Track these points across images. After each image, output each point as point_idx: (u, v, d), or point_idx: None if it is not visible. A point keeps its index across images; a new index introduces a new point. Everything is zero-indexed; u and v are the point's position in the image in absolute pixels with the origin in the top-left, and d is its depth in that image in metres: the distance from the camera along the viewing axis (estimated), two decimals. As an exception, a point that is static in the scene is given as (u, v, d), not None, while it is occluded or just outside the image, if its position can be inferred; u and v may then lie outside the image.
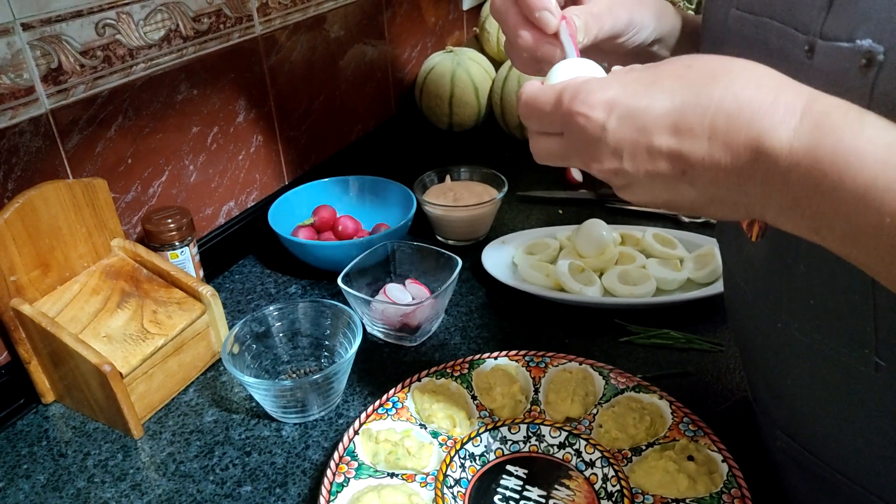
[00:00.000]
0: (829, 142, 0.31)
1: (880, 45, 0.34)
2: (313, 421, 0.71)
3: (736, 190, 0.35)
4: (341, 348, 0.74)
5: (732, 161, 0.34)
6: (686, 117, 0.35)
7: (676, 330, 0.79)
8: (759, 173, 0.33)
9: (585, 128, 0.38)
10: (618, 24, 0.50)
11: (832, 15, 0.38)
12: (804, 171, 0.32)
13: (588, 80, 0.39)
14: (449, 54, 1.31)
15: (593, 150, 0.38)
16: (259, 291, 0.92)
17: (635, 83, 0.37)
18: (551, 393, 0.68)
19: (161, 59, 0.82)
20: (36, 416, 0.73)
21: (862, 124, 0.31)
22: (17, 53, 0.67)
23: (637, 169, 0.37)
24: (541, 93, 0.41)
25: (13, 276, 0.67)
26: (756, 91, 0.34)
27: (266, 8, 0.96)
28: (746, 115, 0.33)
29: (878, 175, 0.30)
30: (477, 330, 0.83)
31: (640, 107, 0.36)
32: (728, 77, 0.35)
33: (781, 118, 0.33)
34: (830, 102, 0.33)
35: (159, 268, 0.77)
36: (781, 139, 0.32)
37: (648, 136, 0.36)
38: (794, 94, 0.33)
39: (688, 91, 0.35)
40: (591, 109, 0.37)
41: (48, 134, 0.72)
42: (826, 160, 0.31)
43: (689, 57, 0.38)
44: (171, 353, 0.73)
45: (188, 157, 0.90)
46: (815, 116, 0.32)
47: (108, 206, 0.75)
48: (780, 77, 0.35)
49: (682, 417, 0.63)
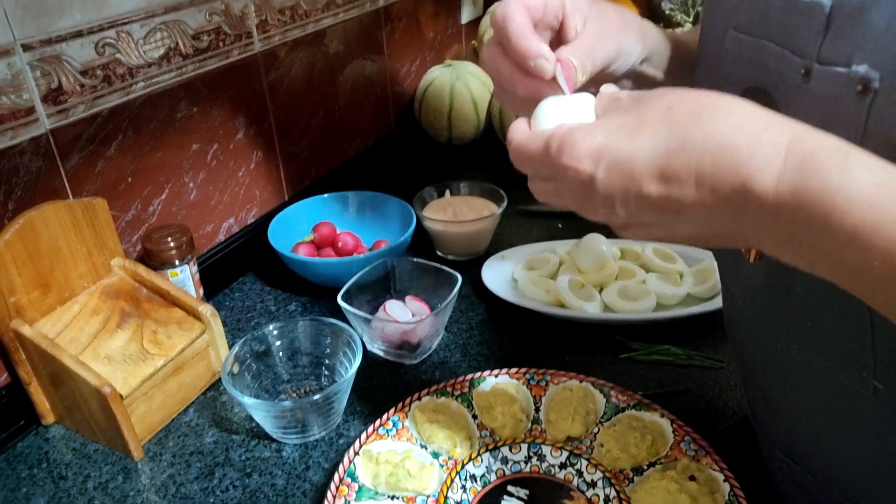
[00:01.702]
0: (815, 184, 0.31)
1: (876, 72, 0.34)
2: (314, 441, 0.70)
3: (731, 225, 0.35)
4: (341, 367, 0.74)
5: (722, 202, 0.34)
6: (672, 164, 0.35)
7: (677, 346, 0.79)
8: (749, 211, 0.34)
9: (575, 179, 0.38)
10: (607, 55, 0.50)
11: (829, 40, 0.38)
12: (792, 212, 0.32)
13: (573, 129, 0.38)
14: (448, 68, 1.31)
15: (585, 197, 0.39)
16: (259, 309, 0.92)
17: (619, 130, 0.37)
18: (552, 412, 0.68)
19: (161, 77, 0.83)
20: (36, 438, 0.73)
21: (847, 164, 0.31)
22: (18, 74, 0.68)
23: (630, 213, 0.38)
24: (528, 141, 0.41)
25: (13, 297, 0.67)
26: (739, 133, 0.34)
27: (265, 25, 0.97)
28: (731, 159, 0.33)
29: (865, 217, 0.30)
30: (477, 347, 0.83)
31: (626, 156, 0.36)
32: (710, 120, 0.35)
33: (765, 161, 0.33)
34: (815, 141, 0.33)
35: (159, 287, 0.76)
36: (767, 182, 0.33)
37: (637, 183, 0.36)
38: (777, 134, 0.33)
39: (671, 136, 0.35)
40: (579, 161, 0.37)
41: (48, 154, 0.72)
42: (813, 202, 0.31)
43: (672, 95, 0.37)
44: (171, 374, 0.73)
45: (188, 175, 0.90)
46: (800, 158, 0.32)
47: (109, 225, 0.75)
48: (764, 115, 0.35)
49: (684, 436, 0.63)
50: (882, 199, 0.30)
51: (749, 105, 0.35)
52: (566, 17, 0.49)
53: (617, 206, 0.38)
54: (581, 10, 0.49)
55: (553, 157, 0.39)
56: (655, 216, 0.37)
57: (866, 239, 0.30)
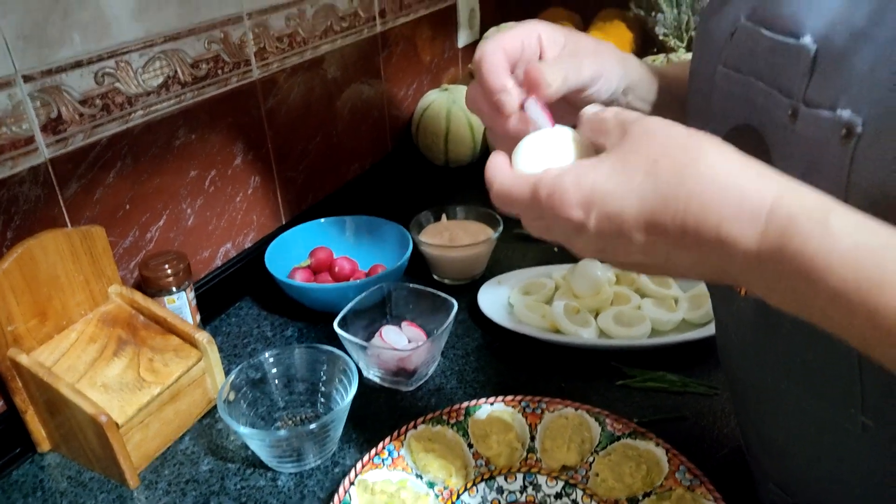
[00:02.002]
0: (796, 246, 0.32)
1: (859, 117, 0.35)
2: (309, 470, 0.70)
3: (717, 269, 0.36)
4: (337, 394, 0.74)
5: (707, 253, 0.35)
6: (658, 219, 0.36)
7: (672, 371, 0.80)
8: (734, 262, 0.35)
9: (567, 225, 0.39)
10: (583, 74, 0.50)
11: (814, 82, 0.38)
12: (775, 269, 0.33)
13: (561, 177, 0.39)
14: (444, 92, 1.32)
15: (576, 240, 0.40)
16: (255, 335, 0.92)
17: (607, 179, 0.38)
18: (547, 440, 0.68)
19: (159, 105, 0.83)
20: (31, 466, 0.73)
21: (828, 226, 0.32)
22: (18, 105, 0.68)
23: (621, 256, 0.39)
24: (513, 186, 0.42)
25: (11, 325, 0.68)
26: (722, 194, 0.34)
27: (263, 52, 0.98)
28: (713, 219, 0.34)
29: (846, 278, 0.31)
30: (473, 373, 0.83)
31: (616, 209, 0.37)
32: (694, 179, 0.35)
33: (748, 223, 0.34)
34: (797, 201, 0.33)
35: (156, 314, 0.77)
36: (748, 245, 0.34)
37: (627, 235, 0.37)
38: (759, 197, 0.34)
39: (657, 193, 0.36)
40: (570, 210, 0.38)
41: (47, 182, 0.73)
42: (794, 263, 0.32)
43: (657, 142, 0.38)
44: (168, 401, 0.73)
45: (186, 201, 0.90)
46: (781, 220, 0.33)
47: (106, 253, 0.76)
48: (747, 172, 0.35)
49: (679, 465, 0.63)
50: (861, 262, 0.31)
51: (734, 158, 0.36)
52: (544, 50, 0.51)
53: (607, 251, 0.39)
54: (557, 41, 0.51)
55: (543, 205, 0.39)
56: (645, 258, 0.38)
57: (848, 299, 0.31)
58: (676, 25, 1.42)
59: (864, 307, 0.30)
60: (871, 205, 0.34)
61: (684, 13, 1.39)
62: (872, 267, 0.30)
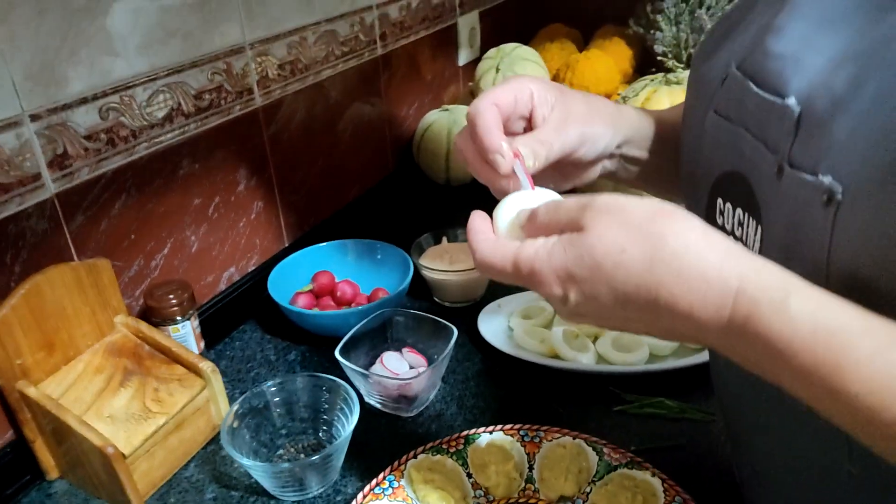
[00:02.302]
0: (760, 329, 0.34)
1: (839, 185, 0.35)
2: (311, 498, 0.72)
3: (693, 337, 0.39)
4: (338, 422, 0.76)
5: (681, 325, 0.38)
6: (631, 301, 0.39)
7: (670, 397, 0.81)
8: (707, 336, 0.37)
9: (548, 296, 0.42)
10: (568, 142, 0.53)
11: (798, 143, 0.39)
12: (742, 346, 0.36)
13: (538, 258, 0.41)
14: (444, 112, 1.34)
15: (559, 307, 0.42)
16: (259, 359, 0.94)
17: (579, 266, 0.40)
18: (545, 470, 0.69)
19: (163, 136, 0.85)
20: (39, 494, 0.74)
21: (788, 310, 0.34)
22: (25, 143, 0.70)
23: (601, 323, 0.42)
24: (495, 258, 0.44)
25: (19, 359, 0.69)
26: (688, 284, 0.36)
27: (266, 80, 0.99)
28: (684, 305, 0.37)
29: (806, 361, 0.33)
30: (473, 399, 0.84)
31: (590, 293, 0.40)
32: (661, 268, 0.37)
33: (713, 309, 0.36)
34: (758, 284, 0.35)
35: (161, 344, 0.78)
36: (717, 326, 0.36)
37: (605, 311, 0.40)
38: (722, 283, 0.36)
39: (627, 283, 0.38)
40: (551, 287, 0.41)
41: (53, 216, 0.74)
42: (758, 343, 0.35)
43: (620, 230, 0.39)
44: (173, 430, 0.74)
45: (190, 228, 0.92)
46: (744, 306, 0.35)
47: (112, 284, 0.77)
48: (711, 255, 0.37)
49: (674, 496, 0.64)
50: (819, 346, 0.32)
51: (696, 241, 0.38)
52: (535, 108, 0.53)
53: (588, 318, 0.42)
54: (547, 101, 0.54)
55: (525, 280, 0.42)
56: (625, 326, 0.41)
57: (810, 380, 0.33)
58: (675, 44, 1.42)
59: (824, 388, 0.32)
60: (852, 270, 0.35)
61: (683, 31, 1.40)
62: (829, 352, 0.32)
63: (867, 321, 0.33)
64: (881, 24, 0.37)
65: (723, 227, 0.50)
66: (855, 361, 0.32)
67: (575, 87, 1.43)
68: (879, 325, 0.33)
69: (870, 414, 0.31)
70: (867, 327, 0.33)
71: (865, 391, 0.31)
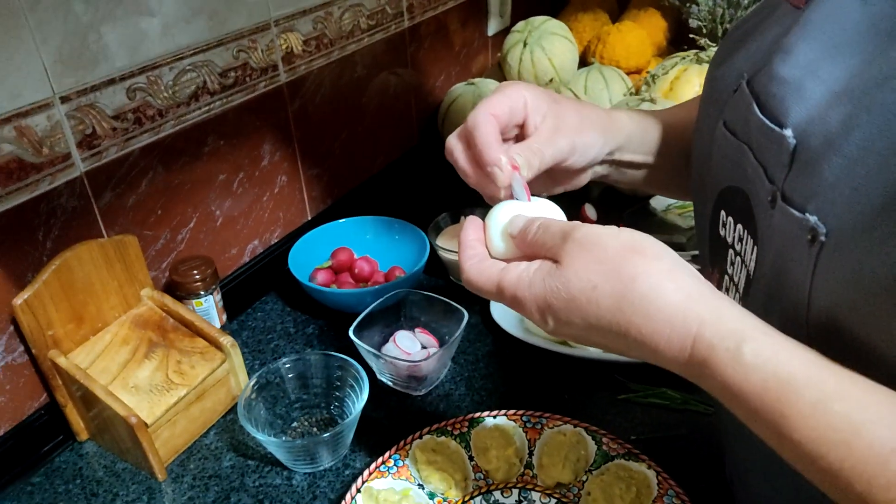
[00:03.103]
0: (715, 373, 0.37)
1: (823, 226, 0.36)
2: (322, 471, 0.76)
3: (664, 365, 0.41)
4: (349, 399, 0.79)
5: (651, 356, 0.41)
6: (605, 331, 0.41)
7: (674, 388, 0.82)
8: (676, 369, 0.40)
9: (530, 319, 0.45)
10: (559, 151, 0.54)
11: (791, 177, 0.39)
12: (704, 384, 0.38)
13: (519, 284, 0.44)
14: (470, 86, 1.33)
15: (542, 326, 0.45)
16: (279, 330, 0.97)
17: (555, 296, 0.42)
18: (545, 456, 0.71)
19: (189, 115, 0.87)
20: (71, 454, 0.79)
21: (741, 359, 0.36)
22: (56, 125, 0.73)
23: (581, 342, 0.45)
24: (479, 278, 0.47)
25: (50, 330, 0.73)
26: (654, 326, 0.39)
27: (291, 57, 1.00)
28: (650, 343, 0.39)
29: (757, 407, 0.35)
30: (482, 381, 0.86)
31: (566, 320, 0.42)
32: (630, 309, 0.39)
33: (676, 351, 0.38)
34: (716, 332, 0.37)
35: (184, 318, 0.82)
36: (680, 363, 0.39)
37: (583, 336, 0.43)
38: (684, 328, 0.38)
39: (599, 318, 0.41)
40: (530, 313, 0.44)
41: (83, 194, 0.78)
42: (716, 384, 0.37)
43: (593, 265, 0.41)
44: (194, 401, 0.78)
45: (215, 203, 0.95)
46: (702, 351, 0.37)
47: (139, 259, 0.81)
48: (675, 300, 0.39)
49: (668, 490, 0.66)
50: (768, 395, 0.34)
51: (663, 284, 0.39)
52: (528, 116, 0.55)
53: (569, 338, 0.44)
54: (540, 110, 0.55)
55: (507, 302, 0.45)
56: (604, 348, 0.44)
57: (762, 424, 0.35)
58: (711, 18, 1.39)
59: (771, 431, 0.34)
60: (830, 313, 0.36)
61: (720, 6, 1.36)
62: (777, 400, 0.34)
63: (816, 369, 0.34)
64: (884, 56, 0.37)
65: (724, 239, 0.51)
66: (798, 412, 0.33)
67: (605, 60, 1.41)
68: (829, 374, 0.34)
69: (810, 459, 0.33)
70: (814, 376, 0.34)
71: (805, 439, 0.33)
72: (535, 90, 0.55)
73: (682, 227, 1.11)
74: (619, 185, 0.66)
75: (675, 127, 0.61)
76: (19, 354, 0.75)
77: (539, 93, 0.55)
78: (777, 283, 0.41)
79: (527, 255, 0.47)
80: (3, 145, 0.68)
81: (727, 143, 0.49)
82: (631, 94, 1.31)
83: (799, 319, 0.38)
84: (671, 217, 1.15)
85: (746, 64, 0.49)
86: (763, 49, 0.48)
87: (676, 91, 1.24)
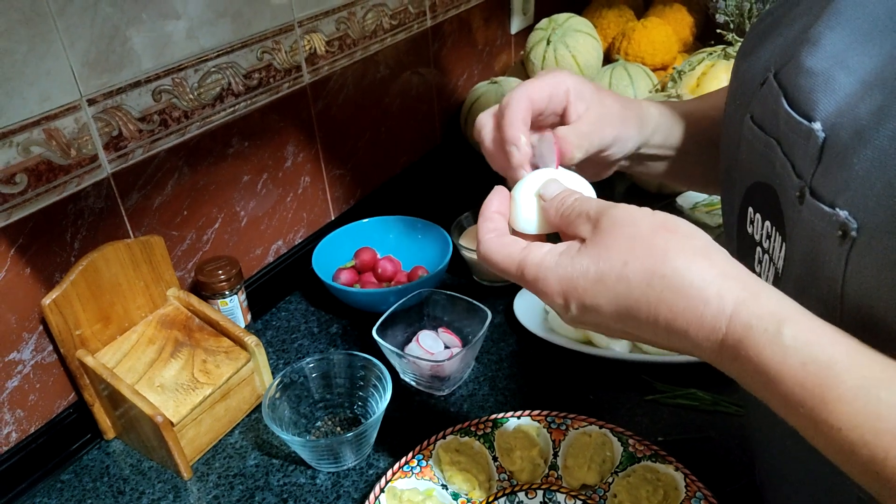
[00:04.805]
0: (752, 355, 0.35)
1: (854, 221, 0.34)
2: (346, 470, 0.75)
3: (690, 352, 0.39)
4: (372, 399, 0.79)
5: (679, 341, 0.39)
6: (632, 314, 0.39)
7: (703, 388, 0.81)
8: (703, 353, 0.38)
9: (551, 305, 0.43)
10: (603, 141, 0.54)
11: (819, 172, 0.38)
12: (735, 367, 0.36)
13: (543, 265, 0.42)
14: (493, 85, 1.33)
15: (561, 313, 0.43)
16: (303, 330, 0.98)
17: (583, 275, 0.41)
18: (570, 458, 0.70)
19: (214, 116, 0.88)
20: (99, 452, 0.80)
21: (780, 340, 0.34)
22: (83, 127, 0.74)
23: (601, 331, 0.43)
24: (498, 255, 0.45)
25: (78, 330, 0.74)
26: (686, 303, 0.37)
27: (314, 57, 1.01)
28: (681, 323, 0.37)
29: (794, 392, 0.33)
30: (505, 381, 0.86)
31: (592, 304, 0.41)
32: (661, 284, 0.38)
33: (709, 331, 0.37)
34: (754, 311, 0.35)
35: (209, 317, 0.82)
36: (712, 347, 0.37)
37: (605, 321, 0.41)
38: (719, 306, 0.36)
39: (629, 296, 0.39)
40: (553, 297, 0.42)
41: (110, 195, 0.78)
42: (750, 367, 0.35)
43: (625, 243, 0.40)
44: (219, 400, 0.79)
45: (239, 204, 0.95)
46: (738, 331, 0.36)
47: (165, 259, 0.82)
48: (710, 276, 0.37)
49: (696, 492, 0.65)
50: (808, 379, 0.33)
51: (697, 261, 0.38)
52: (569, 104, 0.54)
53: (589, 326, 0.43)
54: (584, 97, 0.54)
55: (529, 286, 0.44)
56: (625, 335, 0.42)
57: (797, 410, 0.33)
58: (738, 13, 1.37)
59: (809, 418, 0.33)
60: (865, 307, 0.35)
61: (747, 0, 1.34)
62: (816, 384, 0.32)
63: (859, 356, 0.33)
64: None
65: (752, 236, 0.50)
66: (838, 396, 0.32)
67: (631, 57, 1.39)
68: (871, 360, 0.33)
69: (850, 448, 0.32)
70: (857, 362, 0.33)
71: (847, 426, 0.32)
72: (579, 79, 0.54)
73: (709, 226, 1.09)
74: (640, 176, 0.65)
75: (699, 119, 0.60)
76: (48, 354, 0.76)
77: (583, 81, 0.54)
78: (807, 280, 0.40)
79: (556, 224, 0.46)
80: (32, 148, 0.69)
81: (754, 138, 0.48)
82: (657, 91, 1.30)
83: (832, 318, 0.37)
84: (698, 215, 1.14)
85: (773, 56, 0.48)
86: (790, 40, 0.47)
87: (703, 87, 1.22)
